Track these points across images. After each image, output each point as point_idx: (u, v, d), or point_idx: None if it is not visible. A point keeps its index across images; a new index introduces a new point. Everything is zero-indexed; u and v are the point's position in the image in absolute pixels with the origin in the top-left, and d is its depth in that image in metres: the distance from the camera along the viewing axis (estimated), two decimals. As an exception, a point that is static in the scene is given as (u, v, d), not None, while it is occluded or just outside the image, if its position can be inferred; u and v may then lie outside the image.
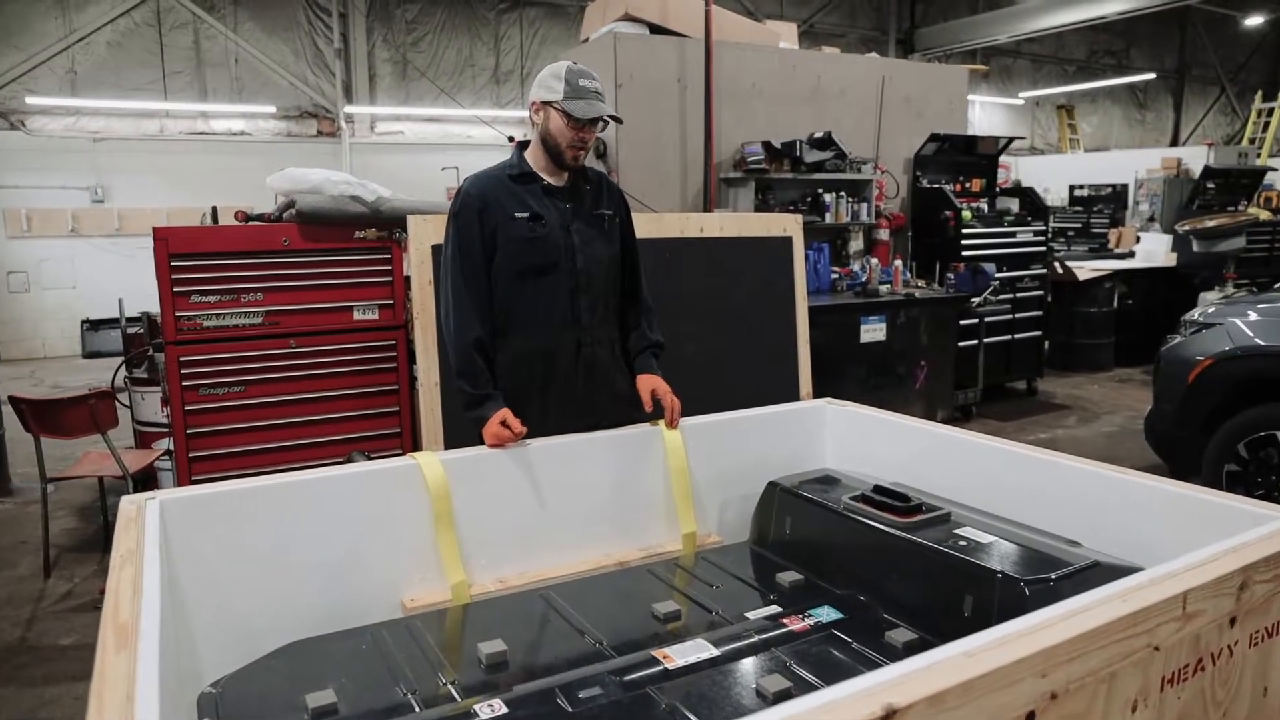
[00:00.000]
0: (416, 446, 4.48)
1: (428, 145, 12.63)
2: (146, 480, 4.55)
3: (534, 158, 2.51)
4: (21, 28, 10.36)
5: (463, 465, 2.31)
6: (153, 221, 11.60)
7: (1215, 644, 1.50)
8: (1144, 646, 1.35)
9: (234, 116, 11.60)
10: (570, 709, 1.65)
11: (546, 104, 2.41)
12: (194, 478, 4.05)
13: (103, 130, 10.87)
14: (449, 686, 1.77)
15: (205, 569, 2.04)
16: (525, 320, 2.45)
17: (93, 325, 10.69)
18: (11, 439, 5.58)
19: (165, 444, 4.62)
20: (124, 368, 4.91)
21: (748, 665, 1.82)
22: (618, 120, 2.42)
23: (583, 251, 2.47)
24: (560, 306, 2.45)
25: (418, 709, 1.71)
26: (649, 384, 2.53)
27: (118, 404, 4.49)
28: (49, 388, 8.76)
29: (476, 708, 1.66)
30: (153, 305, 5.49)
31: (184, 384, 4.02)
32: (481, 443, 2.40)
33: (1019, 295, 7.26)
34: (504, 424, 2.30)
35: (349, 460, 4.40)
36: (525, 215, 2.41)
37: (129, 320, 5.32)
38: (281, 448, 4.26)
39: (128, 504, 1.96)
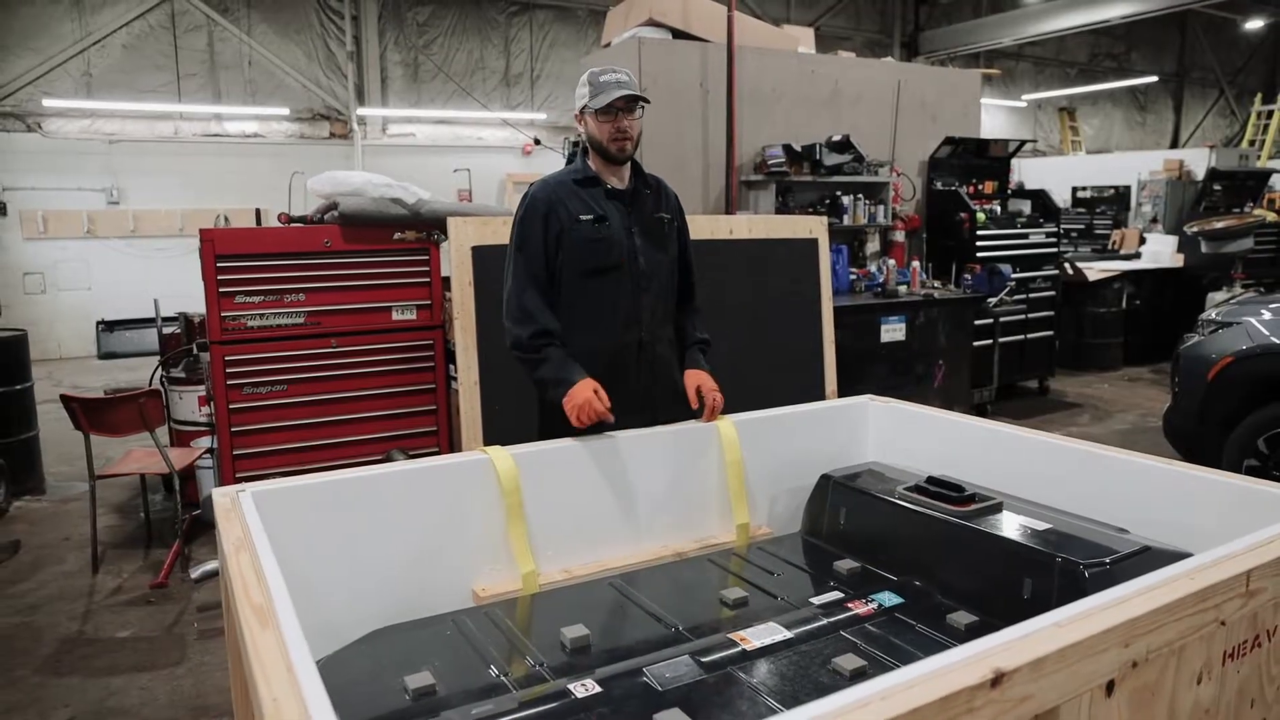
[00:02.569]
0: (453, 445, 4.57)
1: (439, 147, 12.72)
2: (184, 479, 4.63)
3: (594, 162, 2.61)
4: (38, 30, 10.44)
5: (530, 459, 2.40)
6: (167, 223, 11.71)
7: (1271, 621, 1.60)
8: (1212, 621, 1.45)
9: (247, 119, 11.69)
10: (660, 687, 1.74)
11: (581, 111, 2.55)
12: (237, 475, 4.15)
13: (118, 132, 10.96)
14: (538, 668, 1.87)
15: (288, 559, 2.12)
16: (590, 319, 2.55)
17: (108, 326, 10.77)
18: (42, 440, 5.67)
19: (205, 442, 4.71)
20: (161, 368, 4.99)
21: (820, 646, 1.91)
22: (645, 100, 2.51)
23: (644, 253, 2.57)
24: (623, 306, 2.55)
25: (513, 689, 1.80)
26: (695, 379, 2.63)
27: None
28: (68, 389, 8.83)
29: (570, 687, 1.75)
30: (176, 306, 5.60)
31: (228, 383, 4.12)
32: (542, 435, 2.49)
33: (1032, 295, 7.37)
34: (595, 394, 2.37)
35: (388, 458, 4.50)
36: (590, 217, 2.52)
37: (165, 320, 5.40)
38: (321, 445, 4.35)
39: (221, 496, 2.05)
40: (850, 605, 2.10)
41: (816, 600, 2.15)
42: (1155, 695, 1.39)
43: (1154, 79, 18.63)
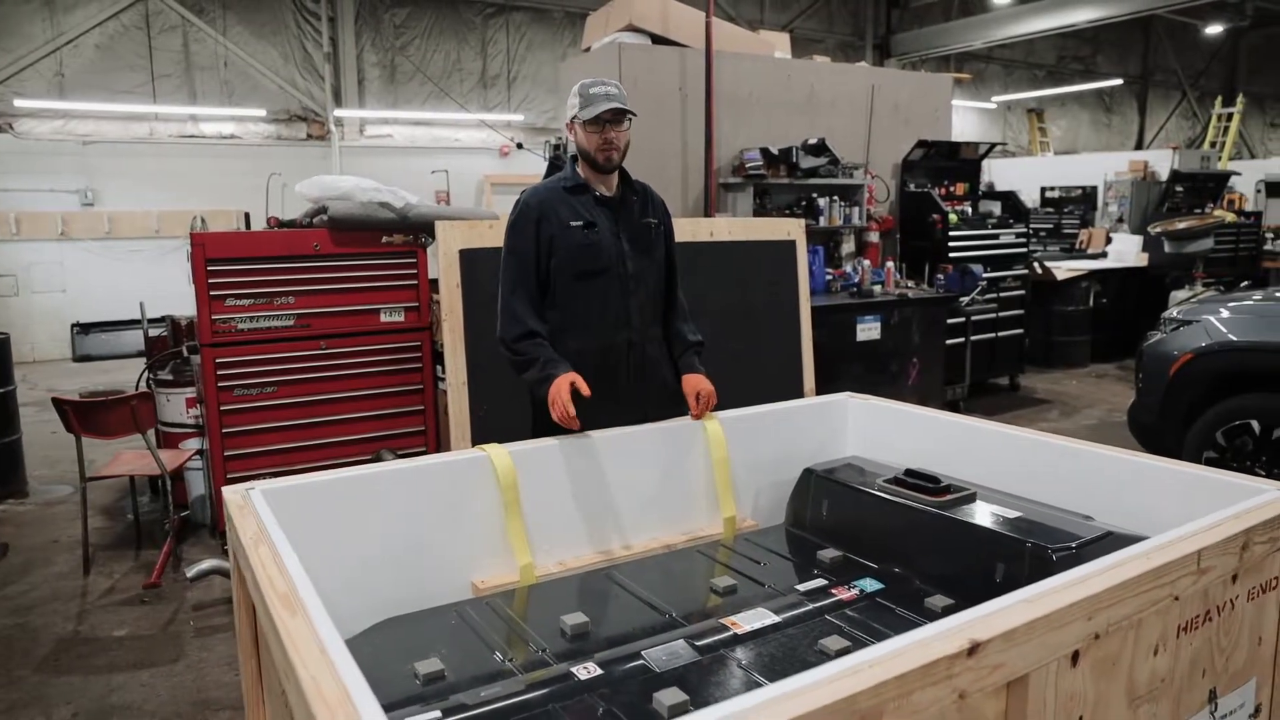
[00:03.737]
0: (440, 445, 4.65)
1: (416, 148, 12.74)
2: (173, 480, 4.66)
3: (583, 170, 2.71)
4: (8, 30, 10.32)
5: (527, 457, 2.50)
6: (143, 225, 11.64)
7: (1220, 598, 1.74)
8: (1167, 596, 1.58)
9: (223, 120, 11.64)
10: (657, 669, 1.85)
11: (571, 121, 2.65)
12: (228, 476, 4.20)
13: (92, 133, 10.86)
14: (541, 654, 1.97)
15: (296, 553, 2.20)
16: (581, 321, 2.65)
17: (83, 329, 10.67)
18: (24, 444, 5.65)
19: (193, 444, 4.74)
20: (148, 370, 5.02)
21: (807, 629, 2.02)
22: (630, 113, 2.61)
23: (632, 258, 2.68)
24: (613, 308, 2.65)
25: (518, 673, 1.90)
26: (694, 384, 2.74)
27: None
28: (44, 392, 8.76)
29: (573, 670, 1.85)
30: (153, 308, 5.61)
31: (219, 385, 4.17)
32: (535, 434, 2.58)
33: (1002, 294, 7.58)
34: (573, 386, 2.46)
35: (377, 458, 4.56)
36: (580, 223, 2.62)
37: (150, 322, 5.42)
38: (311, 446, 4.41)
39: (232, 494, 2.12)
40: (834, 591, 2.22)
41: (802, 587, 2.26)
42: (1116, 665, 1.52)
43: (1119, 81, 19.06)
